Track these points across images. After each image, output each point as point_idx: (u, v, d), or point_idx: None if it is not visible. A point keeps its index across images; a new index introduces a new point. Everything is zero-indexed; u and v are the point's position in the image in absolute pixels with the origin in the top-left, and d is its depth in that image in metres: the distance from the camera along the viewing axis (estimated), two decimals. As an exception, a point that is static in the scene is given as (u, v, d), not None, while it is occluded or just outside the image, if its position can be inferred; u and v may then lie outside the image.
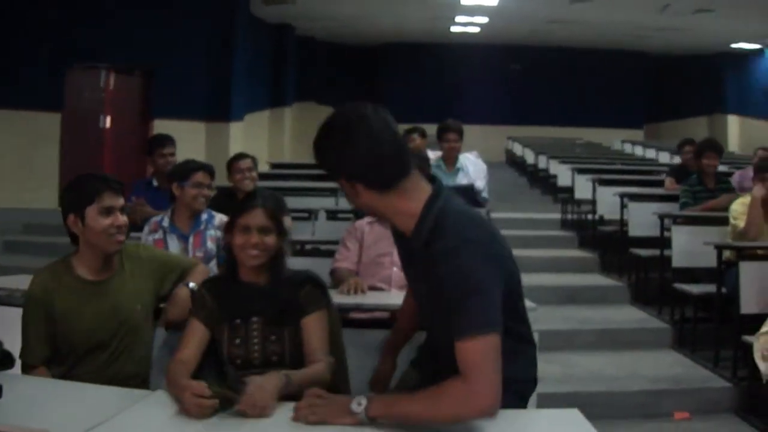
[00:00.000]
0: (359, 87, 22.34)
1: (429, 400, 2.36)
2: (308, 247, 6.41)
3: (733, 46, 20.76)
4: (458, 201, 2.66)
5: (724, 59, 22.05)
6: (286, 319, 3.13)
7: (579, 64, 22.58)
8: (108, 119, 12.58)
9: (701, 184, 8.01)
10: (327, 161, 2.61)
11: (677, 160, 15.29)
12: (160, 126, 11.75)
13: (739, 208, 6.67)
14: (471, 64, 22.25)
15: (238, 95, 14.11)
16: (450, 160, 7.69)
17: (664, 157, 16.41)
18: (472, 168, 7.82)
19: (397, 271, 4.68)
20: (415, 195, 2.57)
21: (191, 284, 3.58)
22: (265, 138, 16.67)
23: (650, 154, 17.61)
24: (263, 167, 11.29)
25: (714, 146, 8.11)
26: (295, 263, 4.96)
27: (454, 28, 20.09)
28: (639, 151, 18.47)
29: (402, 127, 11.58)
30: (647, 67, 23.77)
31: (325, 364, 3.00)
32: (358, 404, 2.42)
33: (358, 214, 5.74)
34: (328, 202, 8.31)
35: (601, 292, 8.52)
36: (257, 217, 3.17)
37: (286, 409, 2.54)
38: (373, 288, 4.69)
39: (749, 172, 9.10)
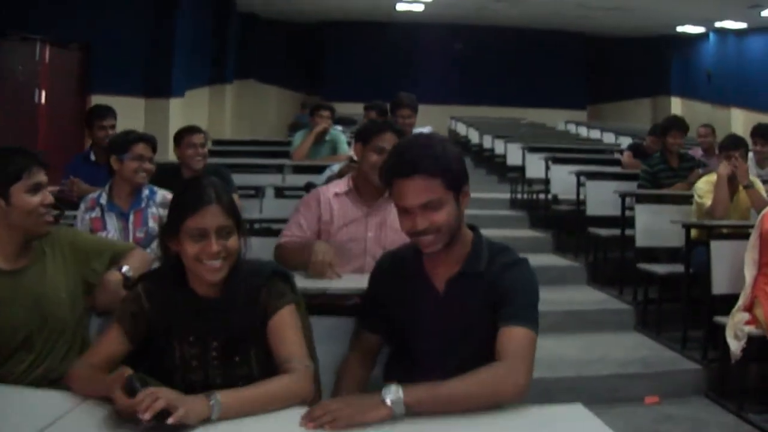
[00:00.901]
0: (302, 66, 22.04)
1: (470, 379, 2.33)
2: (257, 226, 5.93)
3: (679, 29, 20.83)
4: None
5: (668, 42, 22.20)
6: (251, 333, 2.60)
7: (523, 44, 22.54)
8: (43, 94, 12.05)
9: (664, 163, 7.85)
10: (454, 166, 2.60)
11: (622, 141, 15.42)
12: (98, 101, 11.15)
13: (704, 186, 6.58)
14: (415, 43, 22.09)
15: (179, 71, 13.64)
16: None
17: (609, 138, 16.41)
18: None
19: (371, 262, 3.58)
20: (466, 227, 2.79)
21: (124, 268, 3.14)
22: (205, 115, 16.19)
23: (595, 134, 17.53)
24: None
25: (679, 124, 7.96)
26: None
27: (399, 6, 19.77)
28: (583, 131, 18.37)
29: (350, 107, 11.38)
30: (591, 48, 23.80)
31: (300, 373, 2.44)
32: (393, 393, 2.23)
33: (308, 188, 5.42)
34: (275, 179, 7.88)
35: (557, 272, 8.30)
36: (214, 216, 2.53)
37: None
38: None
39: (697, 151, 9.09)
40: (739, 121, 18.78)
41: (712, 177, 6.58)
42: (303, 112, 17.10)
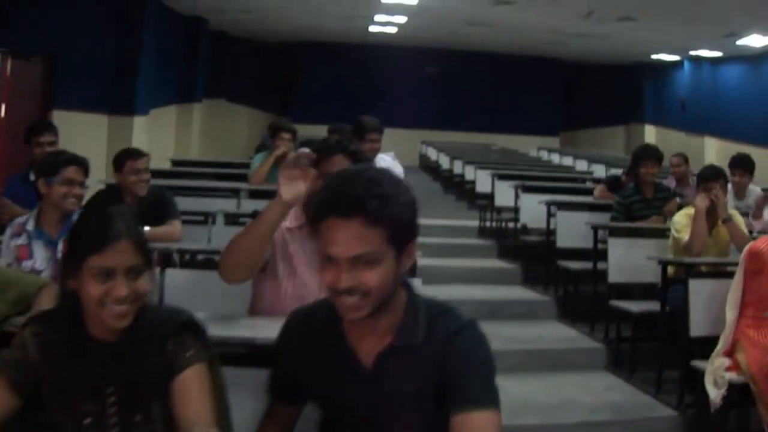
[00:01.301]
0: (273, 86, 21.68)
1: None
2: (200, 257, 5.41)
3: (654, 56, 20.78)
4: None
5: (643, 69, 22.22)
6: (153, 387, 2.21)
7: (496, 69, 22.35)
8: (2, 107, 11.61)
9: (638, 194, 7.49)
10: (405, 215, 2.07)
11: (595, 168, 15.17)
12: (60, 117, 10.93)
13: (682, 219, 6.21)
14: (388, 66, 21.78)
15: (144, 88, 13.21)
16: (366, 160, 6.89)
17: (582, 165, 16.22)
18: (388, 170, 7.11)
19: None
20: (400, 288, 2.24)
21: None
22: (171, 134, 15.79)
23: (567, 161, 17.35)
24: (164, 164, 10.58)
25: (653, 153, 7.58)
26: (183, 278, 4.25)
27: (372, 28, 19.47)
28: (556, 158, 18.21)
29: (321, 129, 10.98)
30: (565, 75, 23.68)
31: None
32: None
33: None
34: (229, 204, 7.34)
35: (525, 306, 7.97)
36: (123, 253, 2.17)
37: None
38: None
39: (671, 181, 8.80)
40: (713, 150, 18.73)
41: (691, 210, 6.23)
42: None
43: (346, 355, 2.16)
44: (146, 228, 5.01)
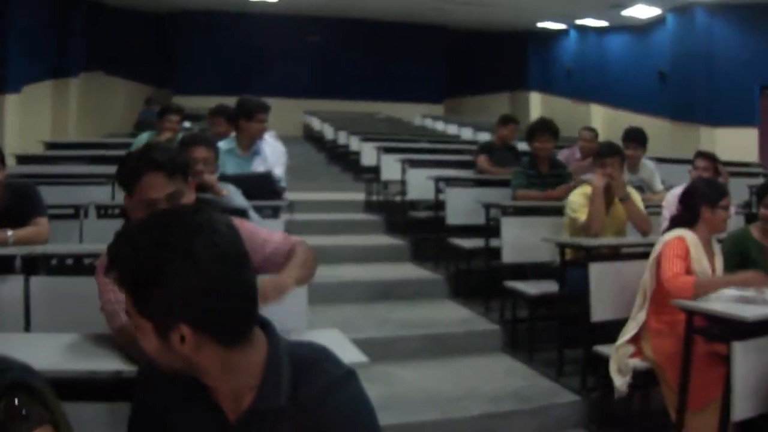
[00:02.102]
0: (152, 57, 20.96)
1: None
2: (69, 261, 4.64)
3: (539, 25, 20.99)
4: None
5: (528, 37, 22.55)
6: None
7: (379, 37, 22.11)
8: None
9: (534, 168, 7.34)
10: (162, 293, 1.64)
11: (481, 136, 15.13)
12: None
13: (578, 199, 6.08)
14: (270, 35, 21.17)
15: (15, 64, 12.41)
16: (248, 142, 6.48)
17: (467, 133, 16.28)
18: (270, 151, 6.73)
19: None
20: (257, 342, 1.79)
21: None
22: (47, 113, 14.87)
23: (452, 129, 17.36)
24: (36, 148, 9.98)
25: (547, 127, 7.39)
26: (51, 287, 3.77)
27: (253, -4, 18.97)
28: (440, 126, 18.27)
29: (200, 100, 10.51)
30: (449, 42, 23.54)
31: None
32: None
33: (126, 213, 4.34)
34: (103, 193, 6.69)
35: (416, 286, 7.73)
36: None
37: None
38: None
39: (575, 151, 8.68)
40: (599, 117, 19.10)
41: (587, 189, 6.10)
42: (150, 109, 15.98)
43: (210, 408, 1.83)
44: (9, 231, 4.58)
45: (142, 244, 1.65)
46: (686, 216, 4.90)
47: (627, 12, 17.01)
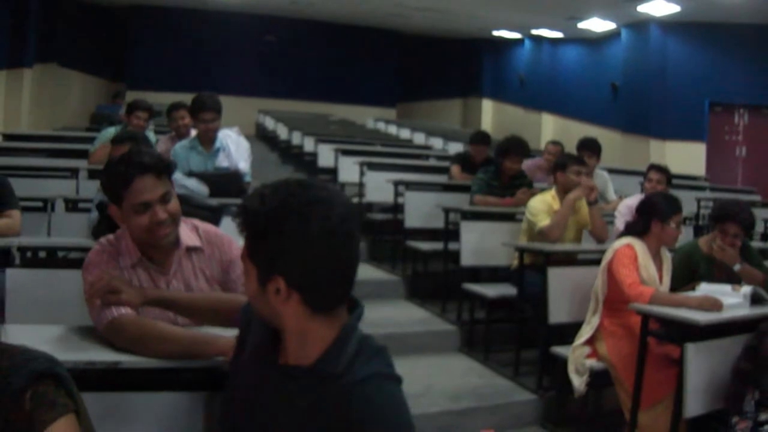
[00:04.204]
0: (107, 50, 20.76)
1: None
2: (42, 254, 4.76)
3: (494, 33, 21.13)
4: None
5: (483, 45, 22.70)
6: None
7: (335, 39, 22.19)
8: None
9: (497, 179, 7.55)
10: (272, 246, 1.83)
11: (433, 141, 15.32)
12: None
13: (538, 205, 6.30)
14: (226, 33, 21.13)
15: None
16: (208, 140, 6.53)
17: (419, 138, 16.36)
18: (234, 147, 6.77)
19: None
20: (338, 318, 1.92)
21: None
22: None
23: (404, 133, 17.45)
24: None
25: (520, 149, 7.55)
26: (26, 279, 3.74)
27: (210, -7, 18.94)
28: (393, 129, 18.32)
29: (155, 96, 10.49)
30: (404, 47, 23.72)
31: None
32: None
33: (102, 207, 4.23)
34: (67, 187, 6.78)
35: (374, 286, 7.82)
36: None
37: None
38: None
39: (538, 161, 8.86)
40: (550, 126, 19.34)
41: (547, 195, 6.35)
42: (117, 102, 15.78)
43: (273, 359, 1.98)
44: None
45: (268, 201, 1.83)
46: (638, 225, 5.10)
47: (582, 24, 17.28)
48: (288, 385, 1.89)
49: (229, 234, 3.00)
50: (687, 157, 14.79)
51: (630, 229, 5.16)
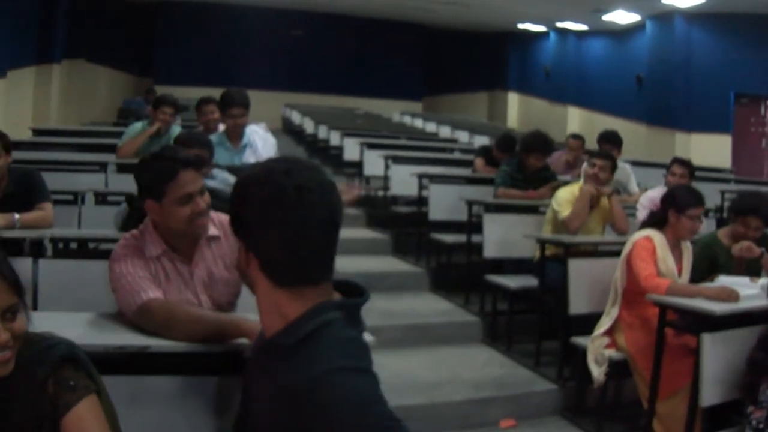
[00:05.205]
0: (134, 46, 20.91)
1: None
2: (74, 245, 4.90)
3: (520, 26, 21.14)
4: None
5: (508, 38, 22.77)
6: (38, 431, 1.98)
7: (361, 33, 22.28)
8: None
9: (521, 172, 7.58)
10: (236, 210, 1.88)
11: (459, 134, 15.36)
12: None
13: (565, 195, 6.40)
14: (252, 27, 21.28)
15: (0, 48, 12.40)
16: (235, 135, 6.61)
17: (445, 131, 16.37)
18: (261, 144, 6.82)
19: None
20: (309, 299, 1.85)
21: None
22: (29, 99, 14.69)
23: (430, 127, 17.45)
24: (23, 134, 9.95)
25: (543, 147, 7.60)
26: (58, 269, 3.92)
27: (237, -13, 19.05)
28: (419, 123, 18.32)
29: (183, 91, 10.59)
30: (429, 40, 23.72)
31: None
32: None
33: (134, 202, 4.33)
34: (96, 180, 6.86)
35: (398, 278, 7.96)
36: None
37: None
38: None
39: (562, 155, 8.88)
40: (575, 119, 19.31)
41: (575, 188, 6.42)
42: (149, 98, 15.88)
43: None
44: (15, 215, 4.74)
45: (254, 175, 1.85)
46: (658, 217, 5.16)
47: (607, 17, 17.27)
48: (263, 360, 1.89)
49: None
50: (712, 150, 14.73)
51: (650, 220, 5.22)
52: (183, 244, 3.06)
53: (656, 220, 5.14)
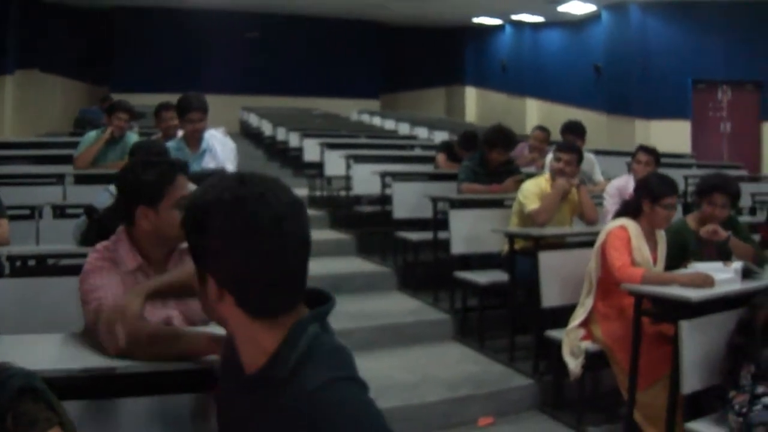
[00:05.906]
0: (89, 54, 20.57)
1: None
2: (32, 262, 4.60)
3: (475, 20, 21.10)
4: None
5: (464, 33, 22.78)
6: None
7: (315, 33, 22.16)
8: None
9: (483, 166, 7.51)
10: (201, 242, 1.70)
11: (418, 131, 15.34)
12: None
13: (532, 188, 6.33)
14: (207, 30, 21.05)
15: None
16: (194, 140, 6.45)
17: (404, 128, 16.35)
18: (221, 148, 6.70)
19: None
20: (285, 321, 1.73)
21: None
22: None
23: (389, 125, 17.47)
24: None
25: (506, 141, 7.53)
26: (16, 289, 3.71)
27: (190, -9, 18.84)
28: (377, 121, 18.32)
29: (140, 98, 10.45)
30: (385, 37, 23.71)
31: None
32: None
33: (91, 213, 4.25)
34: (54, 193, 6.67)
35: (365, 279, 7.86)
36: None
37: None
38: None
39: (524, 149, 8.85)
40: (534, 111, 19.36)
41: (541, 180, 6.39)
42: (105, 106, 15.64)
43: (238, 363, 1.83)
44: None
45: (205, 195, 1.68)
46: (631, 206, 5.11)
47: (562, 8, 17.34)
48: (248, 394, 1.78)
49: None
50: (672, 136, 14.88)
51: (624, 210, 5.17)
52: (160, 256, 2.93)
53: (630, 209, 5.09)
